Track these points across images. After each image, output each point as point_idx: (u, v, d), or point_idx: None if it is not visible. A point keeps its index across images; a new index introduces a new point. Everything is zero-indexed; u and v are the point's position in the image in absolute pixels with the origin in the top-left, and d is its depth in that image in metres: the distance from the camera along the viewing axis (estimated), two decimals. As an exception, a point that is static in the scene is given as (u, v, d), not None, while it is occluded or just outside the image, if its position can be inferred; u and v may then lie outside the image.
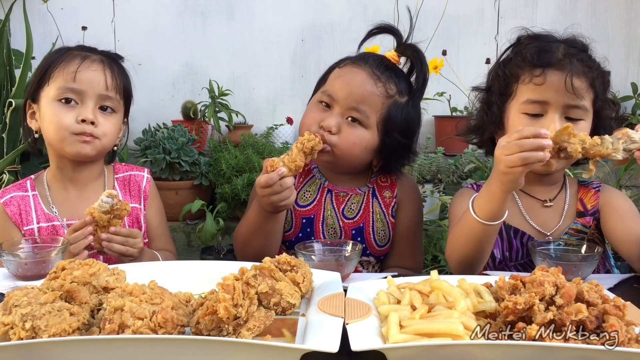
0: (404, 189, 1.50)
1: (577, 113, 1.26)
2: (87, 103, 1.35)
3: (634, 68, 3.49)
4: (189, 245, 2.95)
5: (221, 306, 0.76)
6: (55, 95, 1.35)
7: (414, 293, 0.91)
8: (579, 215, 1.37)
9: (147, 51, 3.39)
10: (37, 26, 3.28)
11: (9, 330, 0.76)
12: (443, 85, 3.17)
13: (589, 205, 1.38)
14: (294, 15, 3.46)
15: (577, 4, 3.50)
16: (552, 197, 1.39)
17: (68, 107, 1.35)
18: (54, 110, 1.35)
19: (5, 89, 2.66)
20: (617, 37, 3.47)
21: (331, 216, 1.47)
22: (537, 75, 1.26)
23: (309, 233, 1.47)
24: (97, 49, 1.46)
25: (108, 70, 1.39)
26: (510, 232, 1.37)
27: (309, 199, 1.49)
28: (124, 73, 1.46)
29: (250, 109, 3.50)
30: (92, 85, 1.35)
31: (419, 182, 2.92)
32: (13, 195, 1.43)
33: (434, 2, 3.22)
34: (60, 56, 1.38)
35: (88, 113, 1.34)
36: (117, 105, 1.41)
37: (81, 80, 1.34)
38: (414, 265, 1.47)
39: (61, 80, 1.34)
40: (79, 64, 1.35)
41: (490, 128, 1.37)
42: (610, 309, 0.78)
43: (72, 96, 1.35)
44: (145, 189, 1.53)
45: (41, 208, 1.43)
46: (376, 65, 1.38)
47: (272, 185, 1.22)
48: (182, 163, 2.84)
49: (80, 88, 1.34)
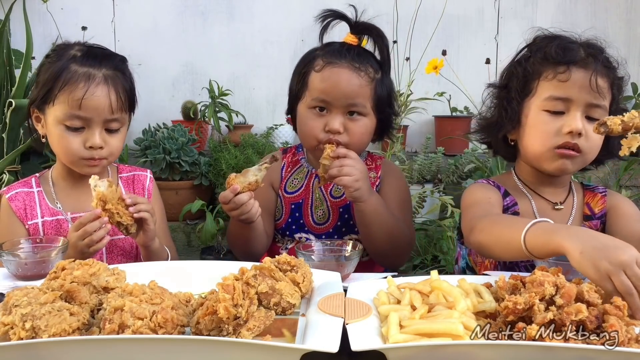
0: (387, 170, 1.58)
1: (598, 113, 1.25)
2: (93, 128, 1.36)
3: (634, 68, 3.50)
4: (189, 245, 2.96)
5: (221, 306, 0.76)
6: (61, 119, 1.35)
7: (414, 293, 0.91)
8: (586, 218, 1.38)
9: (147, 51, 3.39)
10: (37, 26, 3.28)
11: (9, 330, 0.76)
12: (443, 85, 3.17)
13: (596, 209, 1.38)
14: (294, 15, 3.46)
15: (577, 4, 3.51)
16: (562, 200, 1.38)
17: (75, 133, 1.36)
18: (62, 134, 1.36)
19: (5, 89, 2.66)
20: (617, 37, 3.48)
21: (319, 198, 1.53)
22: (561, 72, 1.25)
23: (297, 218, 1.53)
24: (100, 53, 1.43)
25: (113, 91, 1.37)
26: None
27: (297, 186, 1.55)
28: (127, 79, 1.44)
29: (250, 109, 3.51)
30: (98, 111, 1.35)
31: (419, 182, 2.92)
32: (18, 191, 1.45)
33: (433, 2, 3.22)
34: (63, 72, 1.35)
35: (95, 139, 1.36)
36: (123, 119, 1.42)
37: (87, 107, 1.34)
38: (406, 230, 1.49)
39: (66, 106, 1.34)
40: (84, 89, 1.33)
41: (508, 126, 1.34)
42: (610, 309, 0.78)
43: (79, 123, 1.35)
44: (149, 188, 1.55)
45: (46, 203, 1.44)
46: (350, 57, 1.43)
47: (228, 203, 1.29)
48: (182, 163, 2.84)
49: (86, 115, 1.34)
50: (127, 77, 1.44)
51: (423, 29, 2.87)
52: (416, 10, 2.76)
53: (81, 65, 1.37)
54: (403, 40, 2.84)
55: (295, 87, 1.50)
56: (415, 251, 2.53)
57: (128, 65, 1.47)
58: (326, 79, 1.41)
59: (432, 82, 3.19)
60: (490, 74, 3.28)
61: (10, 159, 2.42)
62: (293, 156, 1.60)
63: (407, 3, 3.18)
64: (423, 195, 2.64)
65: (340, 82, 1.39)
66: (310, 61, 1.46)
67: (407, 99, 2.59)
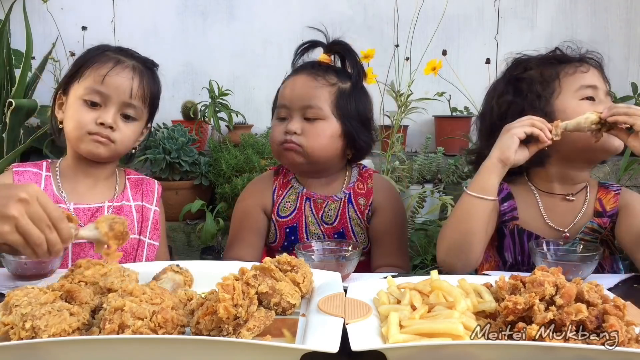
0: (381, 193, 1.55)
1: (609, 100, 1.37)
2: (109, 107, 1.38)
3: (634, 68, 3.50)
4: (189, 245, 2.96)
5: (221, 306, 0.76)
6: (82, 94, 1.37)
7: (414, 293, 0.91)
8: (596, 215, 1.37)
9: (147, 51, 3.35)
10: (37, 26, 3.28)
11: (9, 330, 0.76)
12: (443, 85, 3.17)
13: (607, 206, 1.38)
14: (294, 15, 3.46)
15: (577, 4, 3.51)
16: (574, 192, 1.39)
17: (91, 108, 1.38)
18: (77, 108, 1.38)
19: (5, 89, 2.67)
20: (617, 37, 3.48)
21: (312, 223, 1.53)
22: (579, 65, 1.35)
23: (293, 241, 1.52)
24: (135, 53, 1.49)
25: (137, 78, 1.41)
26: (524, 237, 1.37)
27: (290, 209, 1.53)
28: (155, 82, 1.49)
29: (250, 109, 3.51)
30: (118, 91, 1.37)
31: (419, 182, 2.92)
32: (27, 169, 1.46)
33: (434, 2, 3.22)
34: (97, 55, 1.41)
35: (108, 117, 1.37)
36: (140, 114, 1.43)
37: (108, 84, 1.36)
38: (401, 263, 1.49)
39: (90, 80, 1.37)
40: (110, 67, 1.38)
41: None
42: (610, 309, 0.78)
43: (97, 99, 1.37)
44: (158, 191, 1.56)
45: (51, 189, 1.44)
46: (311, 66, 1.51)
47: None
48: (182, 163, 2.84)
49: (106, 92, 1.37)
50: (155, 79, 1.49)
51: (423, 29, 2.87)
52: (417, 10, 2.76)
53: (114, 53, 1.44)
54: (403, 40, 2.84)
55: (272, 109, 1.58)
56: (415, 251, 2.53)
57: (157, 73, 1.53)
58: (286, 86, 1.50)
59: (432, 82, 3.19)
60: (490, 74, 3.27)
61: (10, 159, 2.42)
62: (284, 177, 1.58)
63: (407, 3, 3.18)
64: (423, 195, 2.63)
65: (296, 86, 1.47)
66: (282, 82, 1.55)
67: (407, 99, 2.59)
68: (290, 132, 1.44)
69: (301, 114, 1.45)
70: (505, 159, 1.22)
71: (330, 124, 1.46)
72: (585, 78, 1.34)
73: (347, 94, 1.49)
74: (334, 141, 1.47)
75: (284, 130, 1.46)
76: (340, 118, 1.47)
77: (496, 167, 1.22)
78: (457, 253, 1.24)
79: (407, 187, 2.71)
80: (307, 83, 1.46)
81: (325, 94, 1.46)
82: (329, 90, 1.46)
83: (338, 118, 1.47)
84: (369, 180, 1.56)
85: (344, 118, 1.47)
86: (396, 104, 2.64)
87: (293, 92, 1.47)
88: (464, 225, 1.24)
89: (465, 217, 1.24)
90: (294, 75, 1.51)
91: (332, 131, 1.46)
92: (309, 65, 1.53)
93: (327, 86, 1.46)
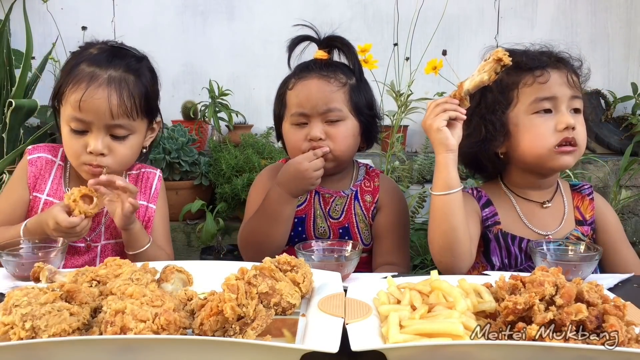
0: (386, 192, 1.58)
1: (579, 103, 1.34)
2: (95, 132, 1.31)
3: (634, 68, 3.49)
4: (189, 245, 2.96)
5: (227, 306, 0.76)
6: (67, 119, 1.32)
7: (414, 293, 0.91)
8: (578, 223, 1.42)
9: (147, 51, 3.37)
10: (37, 26, 3.28)
11: (9, 330, 0.76)
12: (443, 85, 3.16)
13: (586, 214, 1.43)
14: (294, 15, 3.44)
15: (577, 3, 3.50)
16: (549, 199, 1.42)
17: (78, 136, 1.32)
18: (67, 135, 1.33)
19: (5, 89, 2.67)
20: (617, 37, 3.47)
21: (320, 216, 1.55)
22: (539, 75, 1.32)
23: (300, 232, 1.55)
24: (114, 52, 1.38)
25: (115, 94, 1.29)
26: (508, 240, 1.39)
27: (301, 200, 1.55)
28: (142, 82, 1.37)
29: (250, 109, 3.50)
30: (98, 115, 1.29)
31: (419, 182, 2.92)
32: (42, 155, 1.43)
33: (433, 2, 3.22)
34: (71, 72, 1.32)
35: (97, 144, 1.30)
36: (132, 127, 1.35)
37: (86, 110, 1.28)
38: (401, 261, 1.51)
39: (69, 106, 1.30)
40: (83, 90, 1.28)
41: (498, 139, 1.36)
42: (610, 309, 0.78)
43: (80, 126, 1.30)
44: (157, 187, 1.54)
45: (58, 182, 1.43)
46: (318, 68, 1.50)
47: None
48: (182, 163, 2.84)
49: (86, 119, 1.29)
50: (141, 80, 1.37)
51: (423, 29, 2.87)
52: (417, 10, 2.76)
53: (89, 64, 1.32)
54: (403, 40, 2.84)
55: (277, 110, 1.56)
56: (415, 251, 2.53)
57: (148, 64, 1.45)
58: (299, 92, 1.48)
59: (432, 82, 3.18)
60: (490, 74, 3.27)
61: (10, 159, 2.42)
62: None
63: (407, 3, 3.18)
64: (423, 195, 2.64)
65: (311, 92, 1.46)
66: (285, 83, 1.54)
67: (407, 98, 2.58)
68: (315, 138, 1.44)
69: (321, 119, 1.46)
70: (450, 146, 1.23)
71: (352, 122, 1.49)
72: (542, 90, 1.32)
73: (357, 89, 1.51)
74: (356, 139, 1.51)
75: (305, 136, 1.46)
76: (356, 114, 1.50)
77: (449, 159, 1.23)
78: (449, 252, 1.25)
79: (407, 187, 2.71)
80: (322, 87, 1.46)
81: (341, 95, 1.47)
82: (343, 90, 1.48)
83: (355, 115, 1.49)
84: (376, 179, 1.59)
85: (358, 113, 1.50)
86: (396, 103, 2.64)
87: (309, 98, 1.45)
88: (444, 225, 1.24)
89: (443, 217, 1.24)
90: (303, 80, 1.49)
91: (354, 130, 1.49)
92: (315, 66, 1.51)
93: (340, 87, 1.48)
